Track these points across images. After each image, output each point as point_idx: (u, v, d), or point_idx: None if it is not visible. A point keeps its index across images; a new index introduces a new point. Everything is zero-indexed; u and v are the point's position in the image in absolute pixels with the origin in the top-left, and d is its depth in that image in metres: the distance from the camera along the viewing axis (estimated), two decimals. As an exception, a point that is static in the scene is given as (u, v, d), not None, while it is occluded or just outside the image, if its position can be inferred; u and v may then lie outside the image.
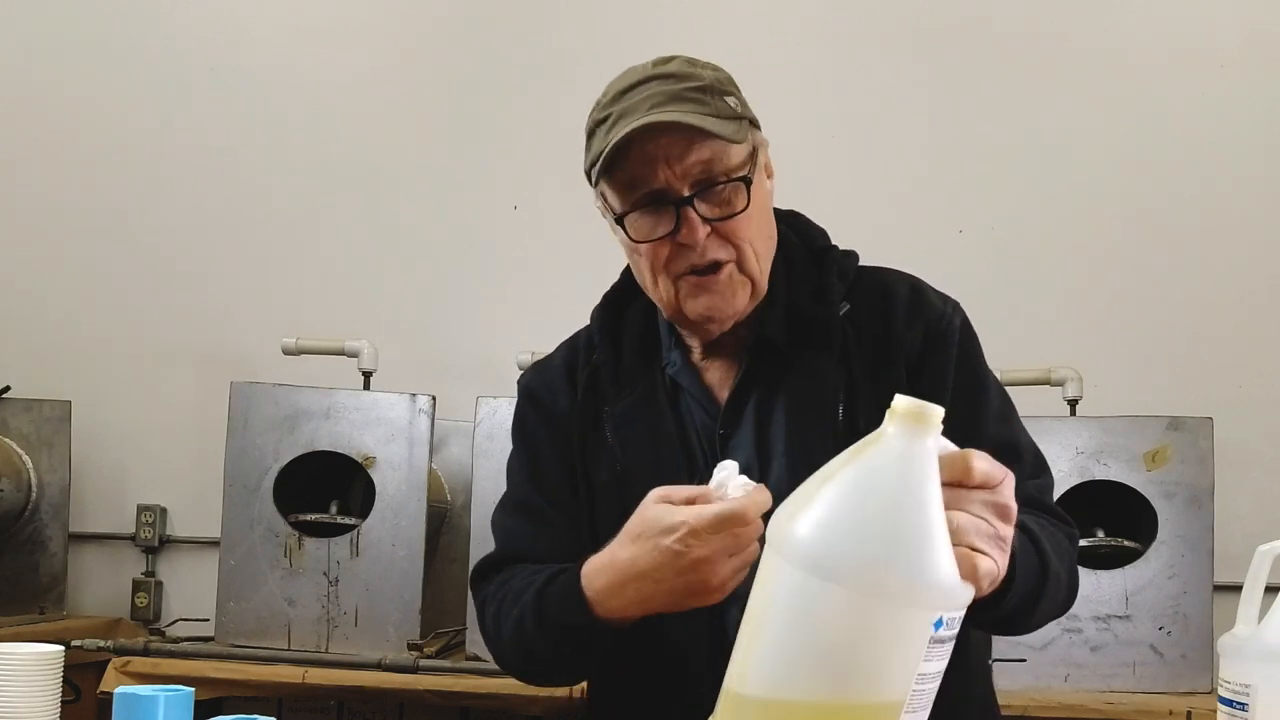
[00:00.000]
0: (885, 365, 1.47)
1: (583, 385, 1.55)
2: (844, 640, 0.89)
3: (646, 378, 1.53)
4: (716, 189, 1.41)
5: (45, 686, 1.42)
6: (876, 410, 1.43)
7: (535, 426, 1.59)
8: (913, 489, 0.91)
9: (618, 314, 1.58)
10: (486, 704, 2.55)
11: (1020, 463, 1.46)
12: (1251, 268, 3.10)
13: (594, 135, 1.46)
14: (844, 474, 0.92)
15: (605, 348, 1.55)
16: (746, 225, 1.43)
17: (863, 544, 0.88)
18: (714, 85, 1.43)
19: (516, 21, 3.37)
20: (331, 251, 3.36)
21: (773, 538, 0.94)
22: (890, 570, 0.88)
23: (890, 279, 1.55)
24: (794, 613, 0.90)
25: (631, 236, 1.44)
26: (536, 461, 1.57)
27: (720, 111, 1.41)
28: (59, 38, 3.48)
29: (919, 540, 0.89)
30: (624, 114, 1.41)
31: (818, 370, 1.46)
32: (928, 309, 1.51)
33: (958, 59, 3.23)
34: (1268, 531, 1.54)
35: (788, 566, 0.91)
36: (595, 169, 1.45)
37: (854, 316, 1.49)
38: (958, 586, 0.91)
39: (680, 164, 1.39)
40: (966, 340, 1.51)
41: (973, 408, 1.47)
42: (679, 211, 1.40)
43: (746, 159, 1.43)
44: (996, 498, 1.01)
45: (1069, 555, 1.40)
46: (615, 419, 1.50)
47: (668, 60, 1.46)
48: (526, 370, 1.67)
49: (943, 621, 0.90)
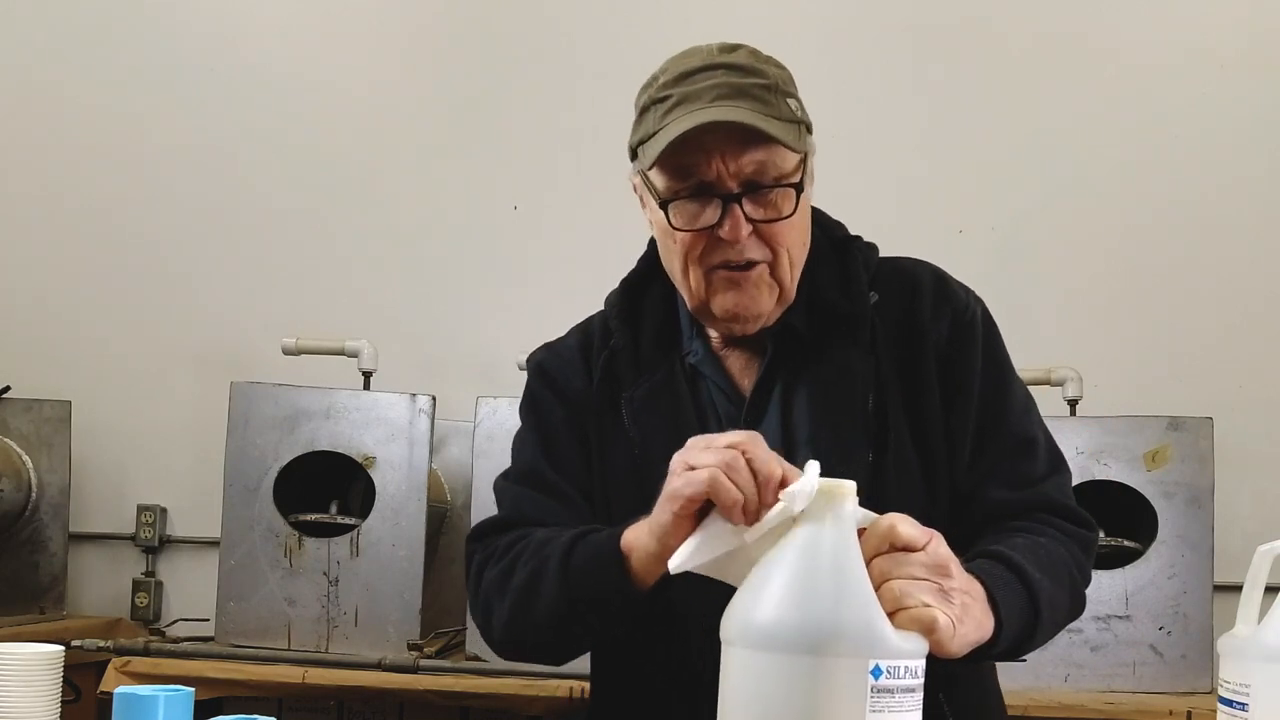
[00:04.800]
0: (914, 356, 1.47)
1: (600, 368, 1.52)
2: (786, 701, 0.95)
3: (666, 364, 1.51)
4: (766, 191, 1.40)
5: (45, 686, 1.42)
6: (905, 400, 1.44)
7: (549, 403, 1.55)
8: (824, 554, 0.99)
9: (636, 299, 1.56)
10: (486, 704, 2.55)
11: (1036, 458, 1.47)
12: (1251, 268, 3.10)
13: (648, 112, 1.43)
14: (769, 557, 1.02)
15: (623, 332, 1.53)
16: (788, 231, 1.42)
17: (786, 610, 0.97)
18: (778, 84, 1.41)
19: (516, 22, 3.37)
20: (331, 251, 3.36)
21: (721, 629, 1.02)
22: (812, 627, 0.96)
23: (913, 268, 1.54)
24: (742, 687, 0.99)
25: (673, 223, 1.42)
26: (549, 436, 1.53)
27: (782, 114, 1.40)
28: (59, 37, 3.48)
29: (836, 596, 0.97)
30: (685, 99, 1.39)
31: (847, 361, 1.46)
32: (953, 298, 1.51)
33: (958, 59, 3.23)
34: (1268, 531, 1.54)
35: (730, 649, 1.00)
36: (644, 149, 1.42)
37: (880, 307, 1.49)
38: (890, 636, 0.97)
39: (735, 161, 1.38)
40: (990, 331, 1.52)
41: (999, 401, 1.48)
42: (725, 206, 1.39)
43: (798, 165, 1.42)
44: (931, 558, 1.07)
45: (1071, 566, 1.39)
46: (634, 405, 1.48)
47: (733, 49, 1.44)
48: (537, 349, 1.62)
49: (881, 670, 0.95)
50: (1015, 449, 1.47)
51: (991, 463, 1.46)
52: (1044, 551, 1.34)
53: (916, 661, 0.98)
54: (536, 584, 1.37)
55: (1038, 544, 1.35)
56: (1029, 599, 1.27)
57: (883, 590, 1.03)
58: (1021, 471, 1.46)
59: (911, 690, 0.97)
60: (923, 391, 1.46)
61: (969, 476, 1.46)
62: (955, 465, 1.46)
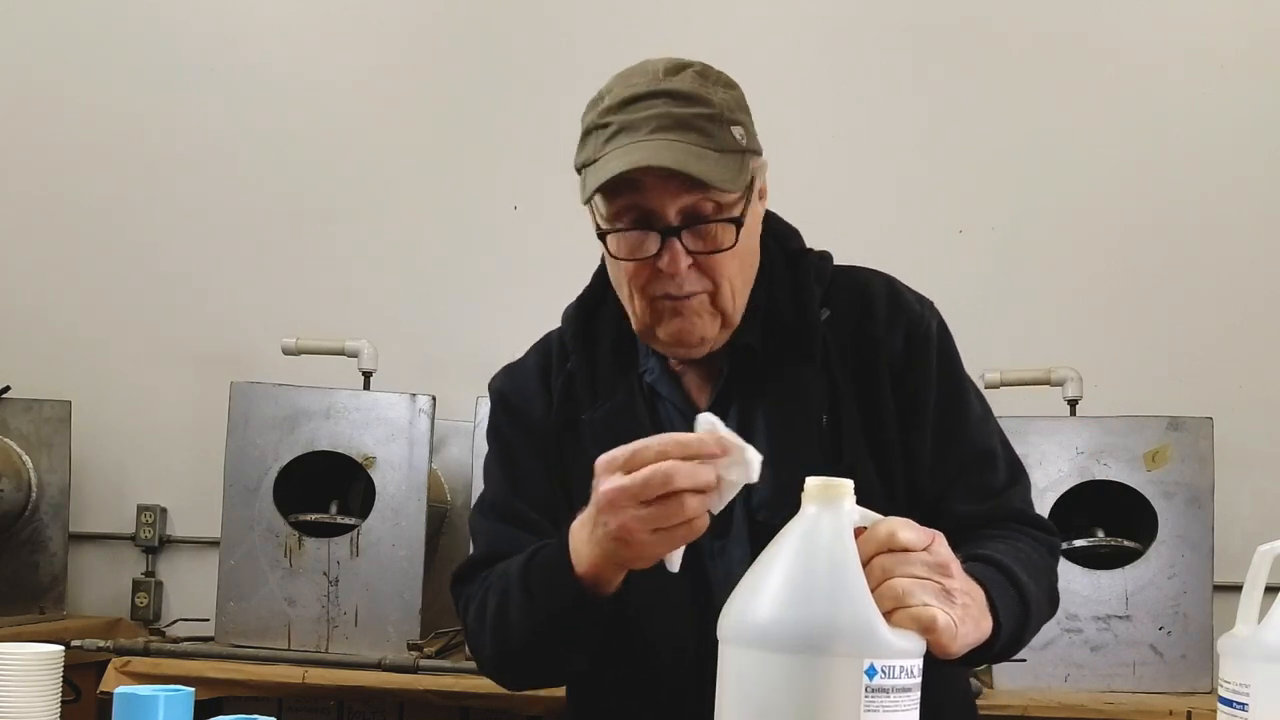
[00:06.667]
0: (868, 370, 1.47)
1: (558, 393, 1.53)
2: (781, 700, 0.96)
3: (624, 385, 1.51)
4: (705, 224, 1.39)
5: (45, 686, 1.42)
6: (861, 416, 1.44)
7: (511, 431, 1.57)
8: (821, 553, 0.99)
9: (589, 318, 1.56)
10: (486, 704, 2.55)
11: (996, 469, 1.48)
12: (1251, 268, 3.10)
13: (589, 137, 1.43)
14: (768, 555, 1.02)
15: (579, 354, 1.53)
16: (729, 262, 1.41)
17: (782, 609, 0.97)
18: (722, 113, 1.39)
19: (516, 21, 3.37)
20: (331, 251, 3.36)
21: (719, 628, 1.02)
22: (807, 626, 0.96)
23: (866, 279, 1.54)
24: (738, 686, 0.99)
25: (614, 253, 1.42)
26: (514, 467, 1.55)
27: (724, 145, 1.38)
28: (59, 37, 3.48)
29: (832, 595, 0.97)
30: (625, 129, 1.38)
31: (800, 378, 1.45)
32: (907, 311, 1.50)
33: (958, 59, 3.23)
34: (1268, 531, 1.54)
35: (727, 648, 1.01)
36: (584, 176, 1.42)
37: (833, 322, 1.49)
38: (887, 635, 0.97)
39: (673, 195, 1.37)
40: (944, 343, 1.52)
41: (956, 413, 1.48)
42: (664, 239, 1.38)
43: (740, 197, 1.41)
44: (933, 558, 1.07)
45: (1047, 572, 1.41)
46: (594, 428, 1.48)
47: (679, 70, 1.41)
48: (497, 374, 1.63)
49: (876, 670, 0.95)
50: (974, 461, 1.47)
51: (952, 476, 1.46)
52: (1025, 557, 1.36)
53: (912, 661, 0.99)
54: (505, 613, 1.39)
55: (1019, 549, 1.37)
56: (1021, 602, 1.28)
57: (884, 588, 1.03)
58: (984, 484, 1.46)
59: (907, 690, 0.97)
60: (878, 406, 1.46)
61: (930, 489, 1.46)
62: (915, 479, 1.46)
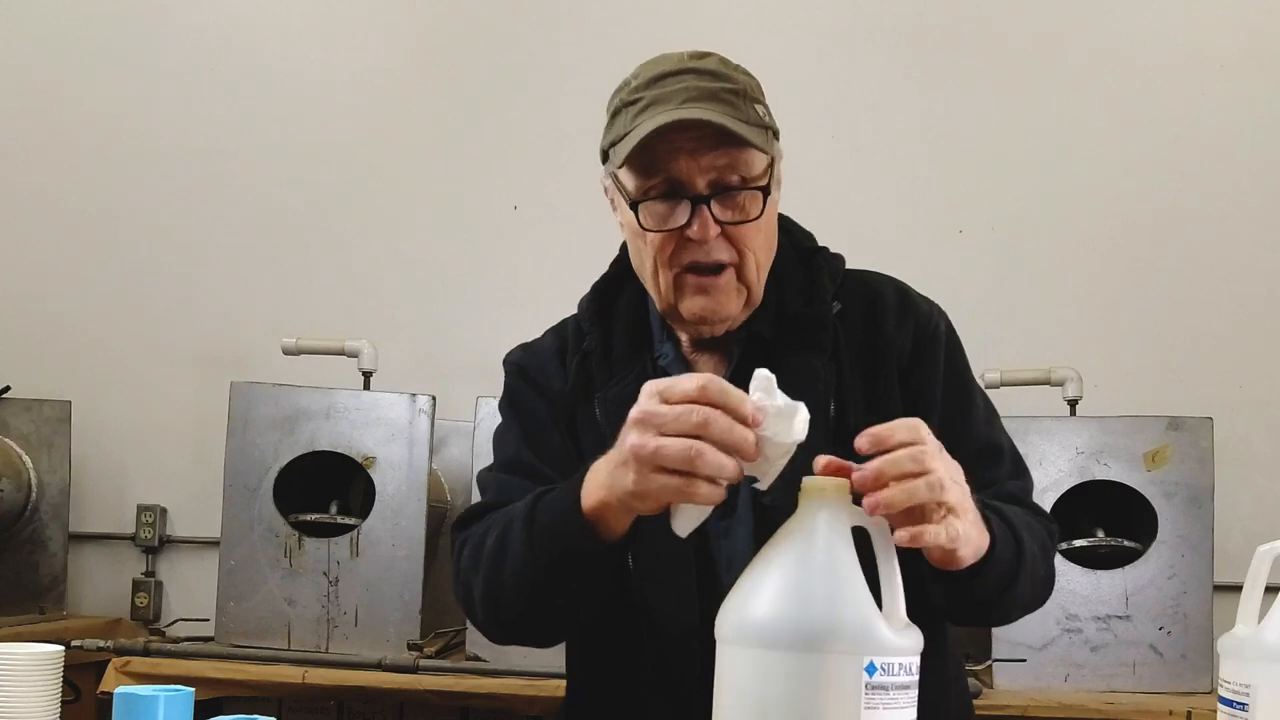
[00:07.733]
0: (876, 366, 1.50)
1: (573, 370, 1.54)
2: (781, 699, 0.96)
3: (638, 365, 1.53)
4: (734, 193, 1.42)
5: (45, 686, 1.42)
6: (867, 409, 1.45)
7: (531, 398, 1.57)
8: (819, 551, 1.00)
9: (608, 302, 1.58)
10: (486, 704, 2.55)
11: (1001, 465, 1.51)
12: (1251, 268, 3.10)
13: (619, 115, 1.45)
14: (766, 554, 1.03)
15: (596, 334, 1.55)
16: (755, 234, 1.44)
17: (781, 607, 0.98)
18: (747, 90, 1.44)
19: (516, 21, 3.37)
20: (331, 251, 3.37)
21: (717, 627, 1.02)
22: (807, 624, 0.97)
23: (876, 282, 1.57)
24: (737, 685, 0.99)
25: (643, 224, 1.44)
26: (532, 427, 1.55)
27: (750, 118, 1.42)
28: (59, 38, 3.48)
29: (831, 593, 0.98)
30: (655, 101, 1.41)
31: (809, 368, 1.47)
32: (915, 311, 1.54)
33: (958, 59, 3.23)
34: (1268, 531, 1.55)
35: (726, 647, 1.01)
36: (615, 150, 1.44)
37: (844, 317, 1.51)
38: (886, 633, 0.98)
39: (704, 161, 1.40)
40: (952, 344, 1.55)
41: (962, 411, 1.51)
42: (694, 207, 1.41)
43: (766, 169, 1.45)
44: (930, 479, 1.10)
45: (1044, 542, 1.43)
46: (607, 404, 1.49)
47: (704, 55, 1.46)
48: (513, 350, 1.64)
49: (876, 667, 0.96)
50: (980, 455, 1.48)
51: None
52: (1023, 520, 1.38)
53: (911, 659, 0.99)
54: (504, 545, 1.37)
55: (1016, 510, 1.39)
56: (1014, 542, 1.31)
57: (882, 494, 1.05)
58: (988, 477, 1.47)
59: (906, 688, 0.98)
60: (885, 401, 1.48)
61: None
62: None
